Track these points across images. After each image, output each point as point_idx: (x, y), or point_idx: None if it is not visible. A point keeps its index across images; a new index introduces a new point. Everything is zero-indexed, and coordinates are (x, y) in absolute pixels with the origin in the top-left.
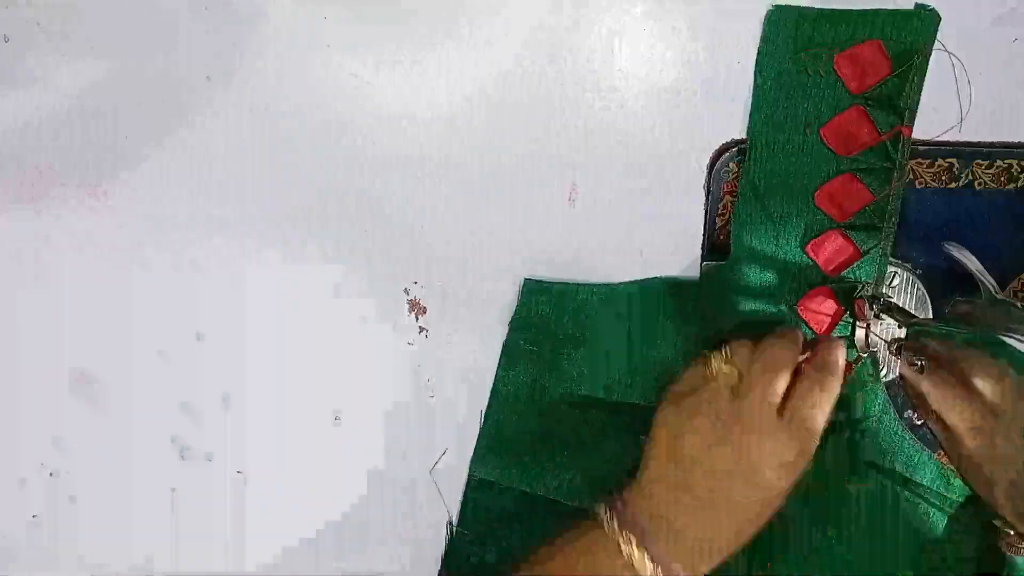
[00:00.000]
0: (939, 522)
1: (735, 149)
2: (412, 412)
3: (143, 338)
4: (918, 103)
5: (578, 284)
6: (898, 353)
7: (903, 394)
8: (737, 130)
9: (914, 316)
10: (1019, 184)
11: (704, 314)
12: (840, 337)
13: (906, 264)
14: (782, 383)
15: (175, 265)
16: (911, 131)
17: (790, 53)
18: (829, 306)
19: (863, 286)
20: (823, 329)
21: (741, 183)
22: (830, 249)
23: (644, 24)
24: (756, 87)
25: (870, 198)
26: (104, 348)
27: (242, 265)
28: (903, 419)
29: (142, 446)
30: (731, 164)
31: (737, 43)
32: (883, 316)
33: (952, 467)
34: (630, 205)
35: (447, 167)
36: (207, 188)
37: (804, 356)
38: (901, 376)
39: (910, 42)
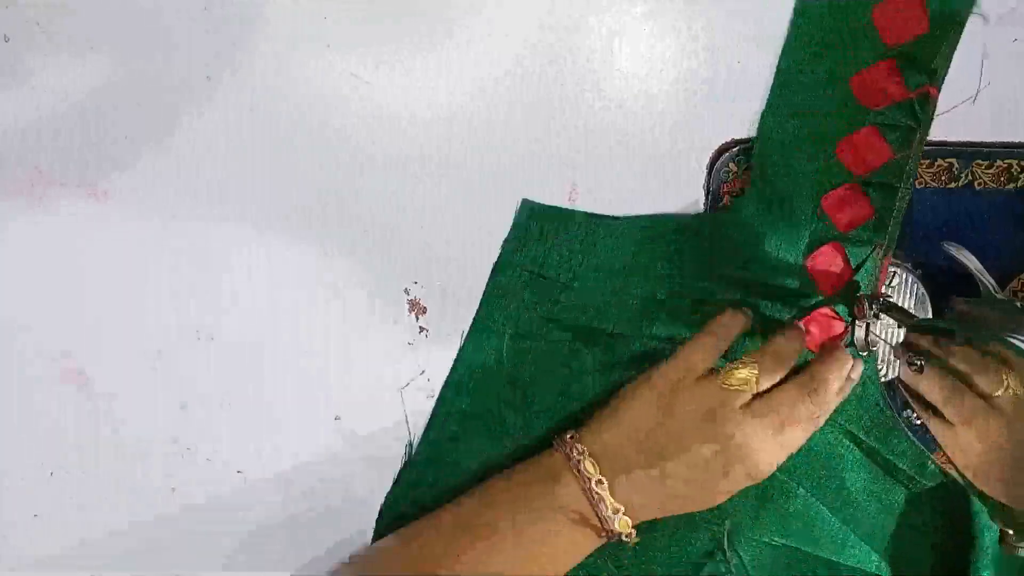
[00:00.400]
0: (904, 501)
1: (735, 149)
2: (412, 412)
3: (143, 337)
4: (948, 67)
5: (580, 211)
6: (897, 352)
7: (902, 393)
8: (737, 130)
9: (914, 316)
10: (1019, 184)
11: (712, 255)
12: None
13: (906, 264)
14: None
15: (175, 265)
16: (938, 93)
17: None
18: (838, 263)
19: (876, 246)
20: (828, 288)
21: (763, 121)
22: (845, 203)
23: (644, 24)
24: (792, 24)
25: (890, 156)
26: (104, 347)
27: (242, 265)
28: (896, 407)
29: (142, 446)
30: (731, 164)
31: (737, 43)
32: (883, 316)
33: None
34: (630, 205)
35: (447, 167)
36: (207, 188)
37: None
38: (899, 376)
39: (949, 3)
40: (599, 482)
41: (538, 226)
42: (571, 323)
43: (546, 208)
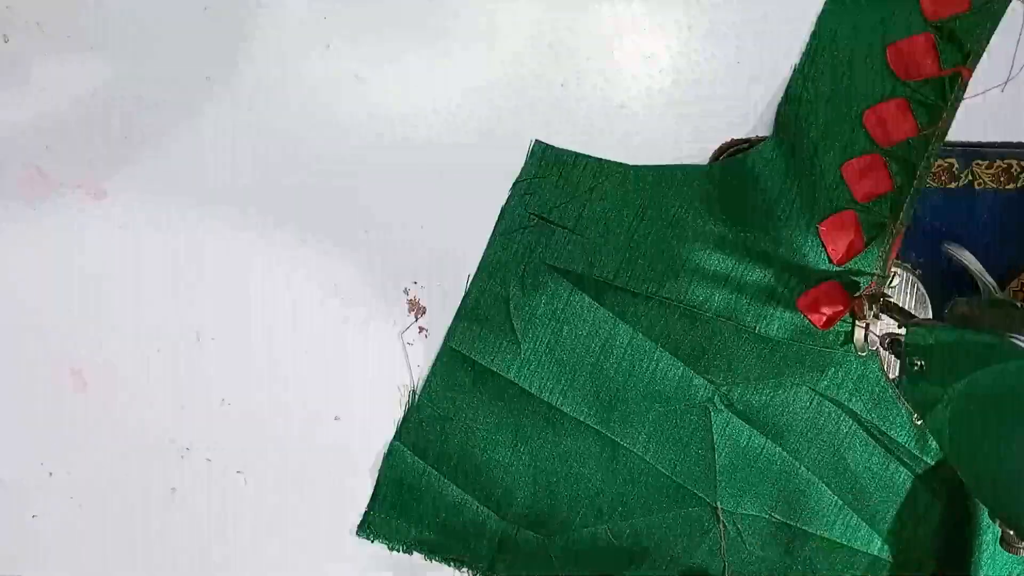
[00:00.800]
0: (906, 480)
1: (735, 149)
2: None
3: (143, 338)
4: (984, 50)
5: (592, 157)
6: (896, 352)
7: (902, 394)
8: (737, 130)
9: (914, 316)
10: (1019, 184)
11: (723, 208)
12: None
13: (906, 264)
14: None
15: (175, 265)
16: (970, 75)
17: None
18: (851, 231)
19: (892, 223)
20: (838, 256)
21: (794, 79)
22: (866, 173)
23: (644, 24)
24: None
25: (915, 132)
26: (104, 348)
27: (242, 265)
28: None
29: (142, 446)
30: None
31: (737, 43)
32: (882, 316)
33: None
34: None
35: (447, 167)
36: (207, 188)
37: None
38: (901, 374)
39: None
40: None
41: (548, 168)
42: (574, 271)
43: (557, 151)
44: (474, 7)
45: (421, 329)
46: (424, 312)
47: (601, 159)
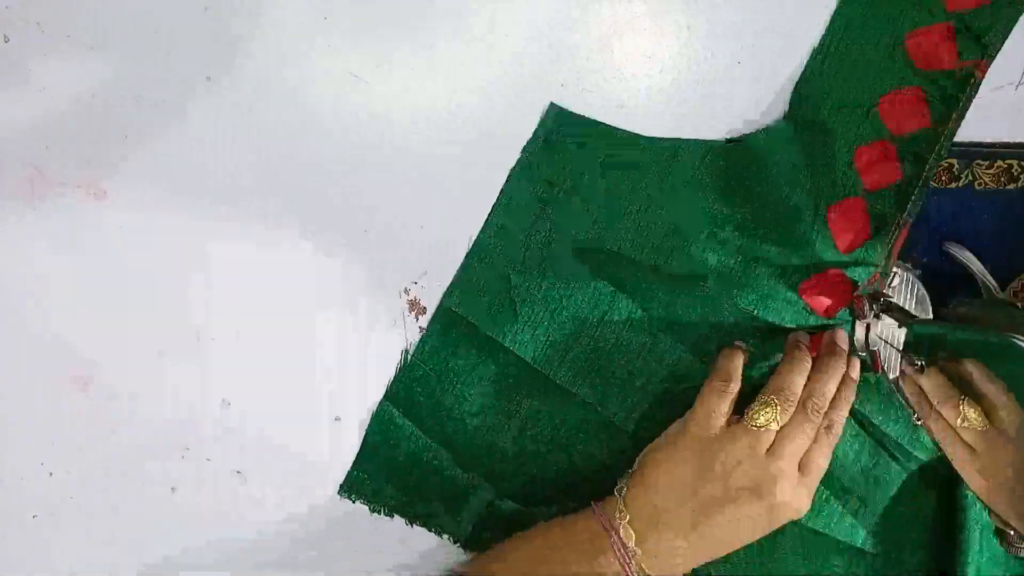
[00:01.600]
0: (901, 477)
1: None
2: None
3: (143, 338)
4: (1001, 45)
5: (605, 124)
6: (899, 352)
7: (902, 394)
8: (737, 130)
9: (914, 316)
10: (1019, 184)
11: (734, 186)
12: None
13: (906, 264)
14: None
15: (175, 265)
16: (986, 70)
17: None
18: (859, 219)
19: (898, 216)
20: (845, 244)
21: (811, 61)
22: (877, 161)
23: (644, 24)
24: None
25: (927, 124)
26: (104, 348)
27: (242, 265)
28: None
29: (142, 446)
30: None
31: (737, 43)
32: (883, 316)
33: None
34: None
35: (447, 166)
36: (207, 188)
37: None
38: (901, 375)
39: None
40: (633, 553)
41: (561, 133)
42: (580, 240)
43: (572, 115)
44: (474, 7)
45: (421, 329)
46: (424, 312)
47: (615, 127)
